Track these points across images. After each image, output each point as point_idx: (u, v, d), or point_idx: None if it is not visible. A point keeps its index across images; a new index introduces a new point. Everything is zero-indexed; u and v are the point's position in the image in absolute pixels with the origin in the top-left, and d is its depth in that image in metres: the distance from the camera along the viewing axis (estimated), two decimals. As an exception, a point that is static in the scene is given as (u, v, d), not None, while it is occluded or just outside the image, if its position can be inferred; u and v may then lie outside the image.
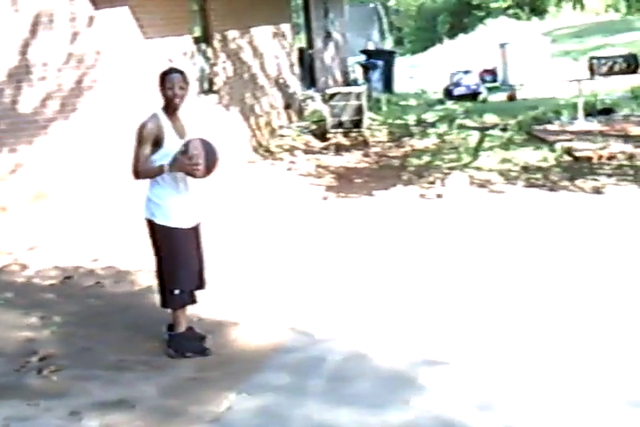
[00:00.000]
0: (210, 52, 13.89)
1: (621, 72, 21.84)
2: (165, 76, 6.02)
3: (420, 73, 27.55)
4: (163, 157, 5.98)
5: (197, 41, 13.40)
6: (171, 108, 6.04)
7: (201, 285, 6.36)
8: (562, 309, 6.69)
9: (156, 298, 6.62)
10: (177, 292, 6.17)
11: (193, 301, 6.34)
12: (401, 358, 5.95)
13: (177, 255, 6.13)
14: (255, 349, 6.36)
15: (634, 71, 21.63)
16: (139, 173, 6.03)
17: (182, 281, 6.17)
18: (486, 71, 23.12)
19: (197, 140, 5.97)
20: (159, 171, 5.97)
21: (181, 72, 6.13)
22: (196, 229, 6.30)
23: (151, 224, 6.16)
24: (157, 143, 5.98)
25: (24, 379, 5.96)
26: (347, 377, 5.71)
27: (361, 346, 6.21)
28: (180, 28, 12.50)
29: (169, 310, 6.33)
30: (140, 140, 5.98)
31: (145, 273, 8.00)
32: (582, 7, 40.10)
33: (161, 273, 6.26)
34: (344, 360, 5.99)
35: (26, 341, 6.68)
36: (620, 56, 23.00)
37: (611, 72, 22.14)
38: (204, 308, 6.85)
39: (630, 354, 5.75)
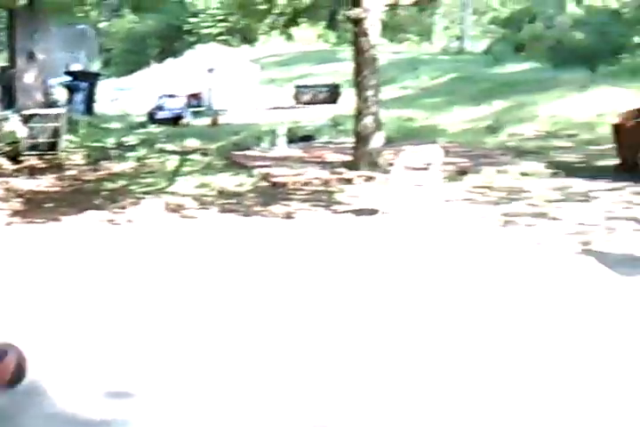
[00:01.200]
0: None
1: (323, 101, 22.64)
2: None
3: (128, 96, 27.34)
4: None
5: None
6: None
7: None
8: (238, 335, 6.57)
9: None
10: None
11: None
12: (77, 390, 5.56)
13: None
14: None
15: (334, 101, 22.44)
16: None
17: None
18: (192, 96, 23.40)
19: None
20: None
21: None
22: None
23: None
24: None
25: None
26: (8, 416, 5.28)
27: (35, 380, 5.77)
28: None
29: None
30: None
31: None
32: (290, 37, 41.23)
33: None
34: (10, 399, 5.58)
35: None
36: (324, 85, 23.86)
37: (314, 100, 22.90)
38: None
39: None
